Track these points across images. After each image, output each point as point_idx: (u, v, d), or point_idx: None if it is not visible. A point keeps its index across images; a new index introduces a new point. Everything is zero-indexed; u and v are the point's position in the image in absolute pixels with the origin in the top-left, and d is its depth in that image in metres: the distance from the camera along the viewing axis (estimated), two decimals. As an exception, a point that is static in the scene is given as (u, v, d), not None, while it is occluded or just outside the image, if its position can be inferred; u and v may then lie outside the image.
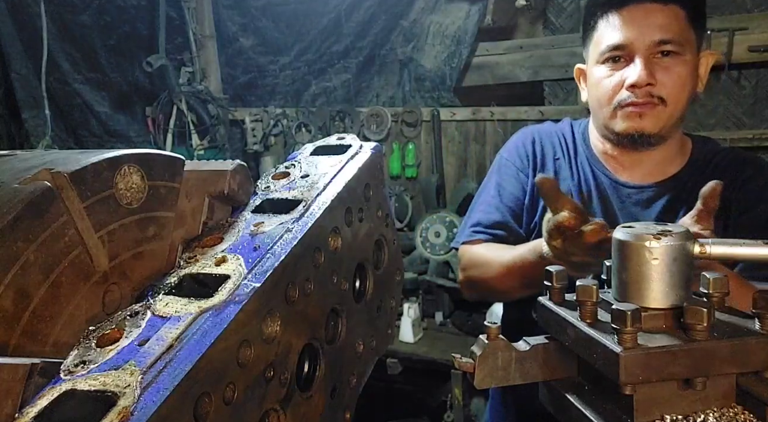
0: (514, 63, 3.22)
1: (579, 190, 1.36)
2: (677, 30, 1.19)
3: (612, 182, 1.32)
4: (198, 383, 0.41)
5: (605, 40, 1.23)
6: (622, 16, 1.21)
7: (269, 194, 0.64)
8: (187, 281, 0.52)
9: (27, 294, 0.41)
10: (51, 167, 0.44)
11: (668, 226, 0.64)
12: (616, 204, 1.31)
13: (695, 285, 0.64)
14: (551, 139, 1.44)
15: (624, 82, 1.20)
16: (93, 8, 3.62)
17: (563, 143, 1.42)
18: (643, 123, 1.20)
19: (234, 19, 3.81)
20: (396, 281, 0.80)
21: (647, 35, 1.18)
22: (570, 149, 1.41)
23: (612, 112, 1.24)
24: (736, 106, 2.79)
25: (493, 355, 0.67)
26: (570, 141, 1.42)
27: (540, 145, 1.43)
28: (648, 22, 1.19)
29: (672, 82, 1.19)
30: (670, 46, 1.18)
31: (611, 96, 1.23)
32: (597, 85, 1.26)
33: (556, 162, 1.41)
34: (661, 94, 1.19)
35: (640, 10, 1.20)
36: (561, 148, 1.42)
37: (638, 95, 1.19)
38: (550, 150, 1.42)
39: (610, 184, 1.32)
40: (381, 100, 3.61)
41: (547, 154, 1.42)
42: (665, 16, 1.19)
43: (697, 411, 0.59)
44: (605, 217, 1.30)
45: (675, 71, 1.19)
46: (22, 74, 3.58)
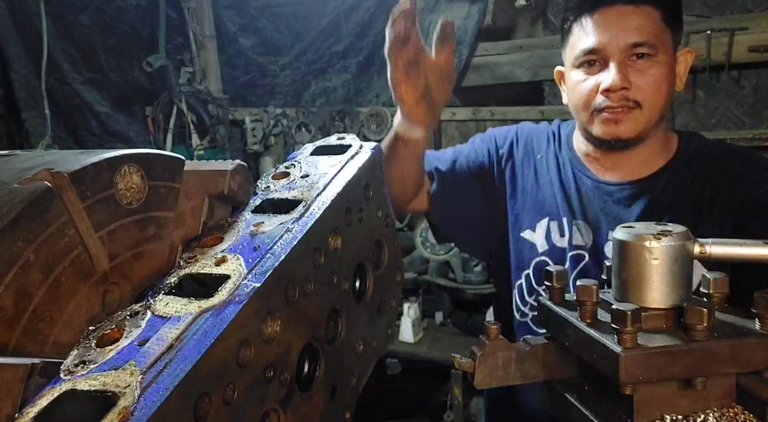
0: (514, 63, 3.22)
1: (561, 189, 1.36)
2: (651, 31, 1.18)
3: (594, 182, 1.32)
4: (198, 383, 0.41)
5: (579, 45, 1.23)
6: (594, 19, 1.20)
7: (269, 194, 0.64)
8: (187, 281, 0.52)
9: (27, 294, 0.41)
10: (51, 167, 0.44)
11: (668, 226, 0.64)
12: (598, 204, 1.31)
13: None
14: (539, 137, 1.45)
15: (599, 86, 1.20)
16: (93, 8, 3.62)
17: (551, 143, 1.43)
18: (619, 129, 1.21)
19: (234, 19, 3.81)
20: (396, 281, 0.80)
21: (620, 38, 1.17)
22: (555, 149, 1.42)
23: (589, 117, 1.24)
24: (737, 106, 2.79)
25: (493, 355, 0.67)
26: (556, 141, 1.43)
27: (527, 139, 1.45)
28: (621, 24, 1.18)
29: (647, 84, 1.18)
30: (644, 48, 1.18)
31: (587, 101, 1.23)
32: (573, 90, 1.27)
33: (538, 159, 1.42)
34: (637, 98, 1.18)
35: (613, 12, 1.19)
36: (547, 147, 1.43)
37: (613, 99, 1.19)
38: (536, 147, 1.44)
39: (591, 185, 1.33)
40: (381, 100, 3.61)
41: (531, 150, 1.43)
42: (639, 18, 1.18)
43: (697, 411, 0.59)
44: (586, 219, 1.31)
45: (650, 73, 1.18)
46: (22, 74, 3.58)
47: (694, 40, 2.61)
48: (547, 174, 1.39)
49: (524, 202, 1.40)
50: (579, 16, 1.24)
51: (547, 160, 1.41)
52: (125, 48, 3.76)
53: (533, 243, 1.36)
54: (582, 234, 1.31)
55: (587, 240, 1.30)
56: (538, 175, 1.40)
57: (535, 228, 1.37)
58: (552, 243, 1.34)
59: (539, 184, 1.39)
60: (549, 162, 1.40)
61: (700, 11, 2.70)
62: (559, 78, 1.39)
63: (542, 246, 1.35)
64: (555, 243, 1.34)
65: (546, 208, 1.37)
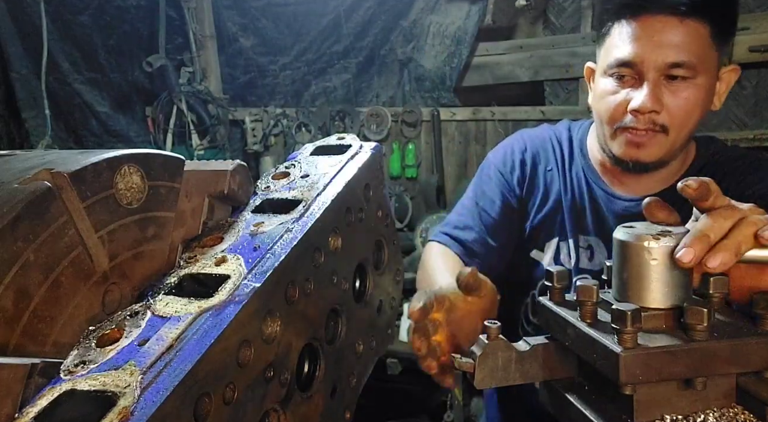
0: (514, 63, 3.22)
1: (572, 203, 1.29)
2: (694, 50, 1.06)
3: (608, 196, 1.26)
4: (198, 383, 0.41)
5: (614, 52, 1.12)
6: (636, 26, 1.09)
7: (269, 194, 0.64)
8: (187, 281, 0.52)
9: (27, 294, 0.41)
10: (51, 167, 0.44)
11: (668, 227, 0.64)
12: (611, 219, 1.24)
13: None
14: (545, 147, 1.36)
15: (628, 103, 1.11)
16: (93, 8, 3.62)
17: (558, 151, 1.35)
18: (640, 152, 1.13)
19: (234, 19, 3.81)
20: (396, 281, 0.80)
21: (659, 55, 1.06)
22: (565, 158, 1.33)
23: (612, 133, 1.16)
24: (738, 107, 2.79)
25: (493, 355, 0.67)
26: (566, 148, 1.34)
27: (531, 154, 1.36)
28: (663, 38, 1.06)
29: (678, 108, 1.09)
30: (682, 70, 1.07)
31: (612, 116, 1.15)
32: (600, 100, 1.18)
33: (548, 173, 1.33)
34: (664, 122, 1.09)
35: (657, 22, 1.07)
36: (555, 156, 1.34)
37: (640, 122, 1.10)
38: (542, 159, 1.35)
39: (605, 198, 1.26)
40: (381, 100, 3.61)
41: (538, 163, 1.35)
42: (683, 34, 1.06)
43: (697, 411, 0.59)
44: (600, 233, 1.25)
45: (683, 97, 1.09)
46: (22, 74, 3.58)
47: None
48: (557, 188, 1.31)
49: (534, 221, 1.33)
50: (620, 19, 1.12)
51: (556, 171, 1.32)
52: (125, 48, 3.76)
53: (540, 264, 1.32)
54: (594, 253, 1.26)
55: (601, 258, 1.24)
56: (548, 190, 1.32)
57: (544, 249, 1.32)
58: (561, 265, 1.28)
59: (549, 200, 1.32)
60: (558, 174, 1.32)
61: (700, 11, 2.70)
62: (589, 75, 1.28)
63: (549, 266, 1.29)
64: (564, 264, 1.29)
65: (556, 228, 1.31)
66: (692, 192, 0.63)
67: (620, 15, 1.12)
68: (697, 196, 0.64)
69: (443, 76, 3.37)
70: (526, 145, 1.38)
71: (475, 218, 1.34)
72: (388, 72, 3.56)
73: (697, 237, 0.60)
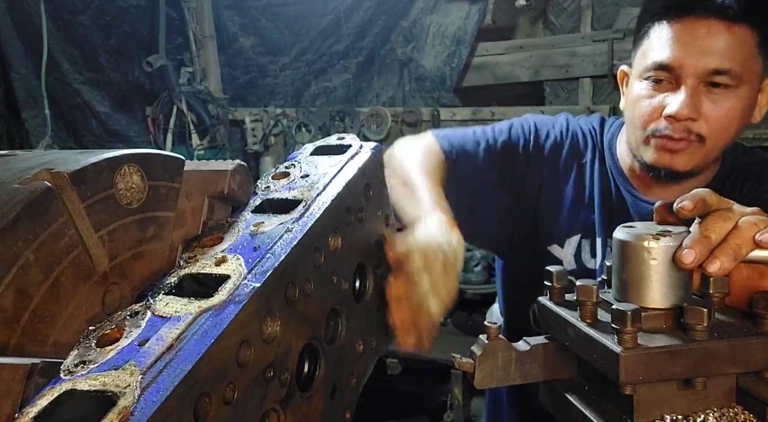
0: (514, 63, 3.22)
1: (604, 202, 1.22)
2: (740, 59, 1.01)
3: (635, 199, 1.20)
4: (198, 383, 0.41)
5: (652, 55, 1.06)
6: (678, 28, 1.03)
7: (269, 194, 0.64)
8: (187, 281, 0.52)
9: (27, 294, 0.41)
10: (51, 167, 0.44)
11: (668, 227, 0.64)
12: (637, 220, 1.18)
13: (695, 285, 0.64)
14: (585, 139, 1.28)
15: (663, 108, 1.05)
16: (93, 8, 3.62)
17: (592, 148, 1.27)
18: (673, 160, 1.07)
19: (234, 19, 3.81)
20: (396, 281, 0.80)
21: (701, 60, 1.01)
22: (597, 155, 1.26)
23: (644, 139, 1.10)
24: (737, 106, 2.79)
25: (493, 355, 0.67)
26: (599, 146, 1.27)
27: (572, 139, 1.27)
28: (706, 43, 1.00)
29: (717, 119, 1.03)
30: (725, 78, 1.01)
31: (647, 121, 1.08)
32: (635, 104, 1.11)
33: (582, 165, 1.25)
34: (701, 132, 1.04)
35: (702, 25, 1.01)
36: (592, 150, 1.26)
37: (675, 129, 1.04)
38: (581, 148, 1.26)
39: (633, 202, 1.20)
40: (381, 100, 3.61)
41: (576, 152, 1.26)
42: (729, 40, 1.00)
43: (697, 411, 0.59)
44: None
45: (724, 107, 1.03)
46: (22, 74, 3.58)
47: None
48: (588, 184, 1.23)
49: (557, 212, 1.25)
50: (661, 20, 1.06)
51: (592, 167, 1.24)
52: (125, 48, 3.76)
53: (559, 260, 1.23)
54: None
55: None
56: (577, 184, 1.24)
57: (564, 245, 1.24)
58: (581, 263, 1.22)
59: (576, 194, 1.24)
60: (594, 169, 1.24)
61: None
62: (623, 79, 1.22)
63: (569, 264, 1.22)
64: (585, 263, 1.22)
65: (580, 224, 1.23)
66: (688, 213, 0.62)
67: (663, 16, 1.06)
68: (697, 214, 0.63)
69: (443, 76, 3.37)
70: (572, 129, 1.29)
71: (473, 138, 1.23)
72: (388, 72, 3.56)
73: (698, 239, 0.60)
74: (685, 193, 1.15)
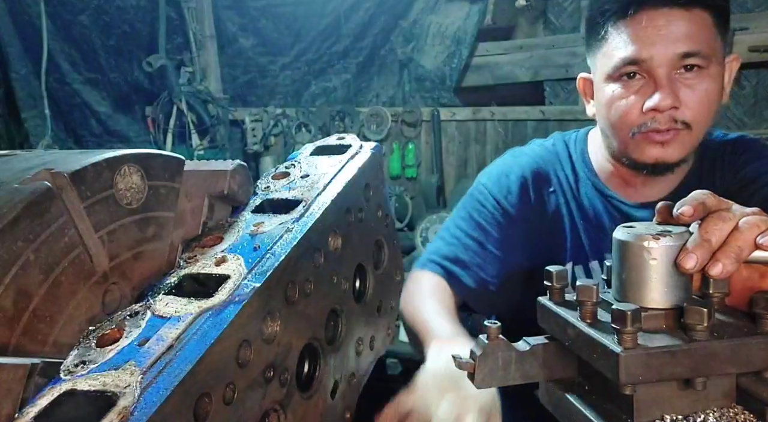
0: (514, 63, 3.23)
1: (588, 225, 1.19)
2: (704, 39, 1.02)
3: (621, 204, 1.18)
4: (198, 383, 0.41)
5: (618, 53, 1.05)
6: (637, 23, 1.03)
7: (269, 194, 0.64)
8: (187, 281, 0.52)
9: (27, 294, 0.41)
10: (51, 167, 0.44)
11: (668, 227, 0.64)
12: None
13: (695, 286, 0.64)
14: (544, 167, 1.25)
15: (642, 104, 1.04)
16: (92, 8, 3.62)
17: (559, 170, 1.24)
18: (666, 152, 1.06)
19: (234, 20, 3.81)
20: (396, 281, 0.80)
21: (669, 47, 1.01)
22: (569, 178, 1.23)
23: (629, 139, 1.08)
24: (737, 107, 2.80)
25: (493, 355, 0.67)
26: (568, 167, 1.24)
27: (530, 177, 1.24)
28: (669, 30, 1.01)
29: (698, 102, 1.03)
30: (696, 59, 1.01)
31: (628, 122, 1.07)
32: (609, 106, 1.09)
33: (551, 195, 1.23)
34: (686, 118, 1.03)
35: (660, 17, 1.02)
36: (557, 178, 1.24)
37: (660, 121, 1.03)
38: (542, 182, 1.24)
39: (619, 208, 1.19)
40: (381, 100, 3.61)
41: (539, 188, 1.23)
42: (690, 24, 1.01)
43: (697, 411, 0.59)
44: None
45: (701, 89, 1.03)
46: (22, 74, 3.58)
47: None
48: (565, 210, 1.22)
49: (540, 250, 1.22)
50: (618, 20, 1.05)
51: (563, 193, 1.22)
52: (125, 48, 3.76)
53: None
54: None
55: None
56: (554, 214, 1.22)
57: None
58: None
59: (556, 224, 1.22)
60: (565, 195, 1.22)
61: (700, 11, 2.70)
62: (584, 87, 1.20)
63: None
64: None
65: (568, 252, 1.22)
66: (689, 219, 0.62)
67: (619, 15, 1.06)
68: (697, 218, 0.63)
69: (443, 76, 3.37)
70: (523, 168, 1.25)
71: (468, 252, 1.22)
72: (388, 72, 3.56)
73: (699, 242, 0.60)
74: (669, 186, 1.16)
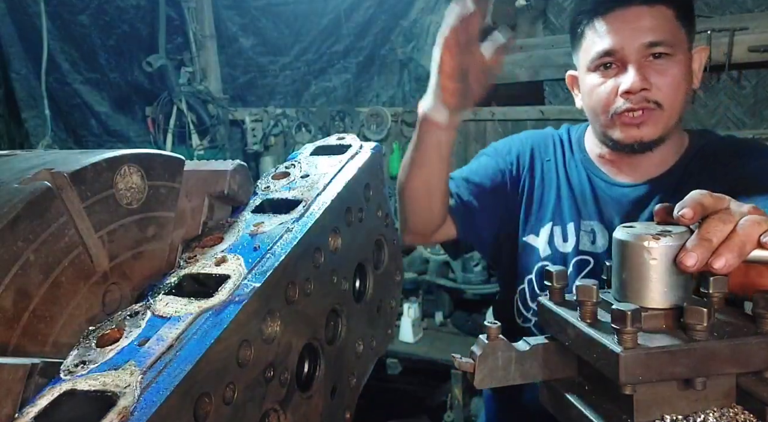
0: (514, 63, 3.22)
1: (571, 191, 1.35)
2: (667, 30, 1.17)
3: (607, 184, 1.32)
4: (198, 383, 0.41)
5: (595, 47, 1.21)
6: (608, 21, 1.19)
7: (269, 194, 0.64)
8: (187, 281, 0.52)
9: (27, 294, 0.41)
10: (51, 167, 0.44)
11: (668, 227, 0.64)
12: (612, 205, 1.30)
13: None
14: (545, 142, 1.44)
15: (618, 89, 1.18)
16: (92, 8, 3.62)
17: (558, 147, 1.42)
18: (642, 132, 1.19)
19: (234, 19, 3.81)
20: (396, 281, 0.80)
21: (637, 38, 1.16)
22: (565, 153, 1.40)
23: (609, 121, 1.22)
24: (737, 107, 2.79)
25: (493, 355, 0.67)
26: (566, 145, 1.42)
27: (530, 146, 1.44)
28: (636, 25, 1.17)
29: (667, 84, 1.17)
30: (662, 47, 1.16)
31: (606, 105, 1.21)
32: (590, 94, 1.24)
33: (546, 163, 1.40)
34: (657, 99, 1.17)
35: (627, 13, 1.18)
36: (554, 151, 1.42)
37: (633, 101, 1.17)
38: (541, 151, 1.43)
39: (605, 186, 1.32)
40: (381, 100, 3.61)
41: (537, 156, 1.42)
42: (653, 18, 1.16)
43: (697, 411, 0.59)
44: (601, 218, 1.31)
45: (669, 73, 1.17)
46: (22, 74, 3.59)
47: (695, 40, 2.61)
48: (554, 178, 1.38)
49: (530, 207, 1.39)
50: (592, 20, 1.22)
51: (555, 163, 1.39)
52: (125, 48, 3.76)
53: (536, 248, 1.36)
54: (596, 237, 1.30)
55: (603, 242, 1.29)
56: (544, 179, 1.39)
57: (539, 233, 1.36)
58: (554, 248, 1.33)
59: (545, 188, 1.38)
60: (557, 165, 1.39)
61: (700, 11, 2.70)
62: (572, 82, 1.37)
63: (544, 251, 1.34)
64: (558, 248, 1.33)
65: (550, 213, 1.36)
66: (688, 221, 0.63)
67: (594, 15, 1.21)
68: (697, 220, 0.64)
69: (443, 76, 3.37)
70: (527, 139, 1.46)
71: (462, 188, 1.39)
72: (388, 72, 3.56)
73: (699, 242, 0.60)
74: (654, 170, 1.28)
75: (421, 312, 3.08)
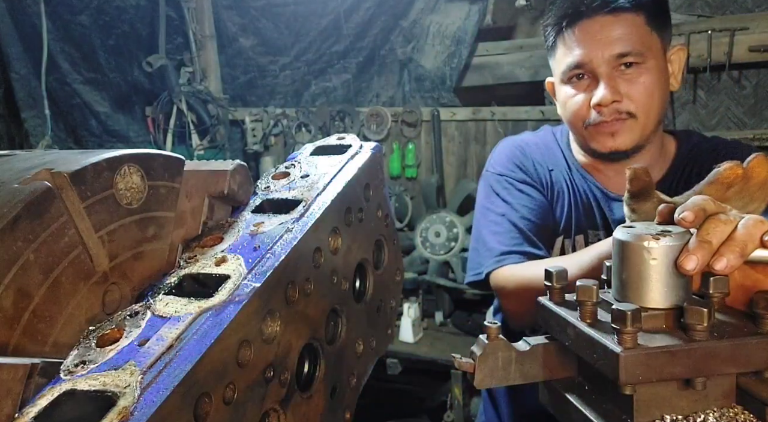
0: (514, 63, 3.22)
1: (578, 200, 1.32)
2: (636, 39, 1.14)
3: (603, 194, 1.30)
4: (198, 383, 0.41)
5: (565, 59, 1.20)
6: (576, 33, 1.17)
7: (269, 194, 0.64)
8: (187, 281, 0.52)
9: (27, 294, 0.41)
10: (51, 167, 0.44)
11: (668, 227, 0.64)
12: (609, 215, 1.29)
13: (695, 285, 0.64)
14: (539, 149, 1.39)
15: (590, 101, 1.18)
16: (92, 8, 3.62)
17: (554, 154, 1.38)
18: (616, 141, 1.19)
19: (234, 20, 3.81)
20: (396, 281, 0.80)
21: (605, 50, 1.14)
22: (559, 160, 1.37)
23: (585, 131, 1.22)
24: (737, 107, 2.79)
25: (493, 355, 0.67)
26: (557, 151, 1.38)
27: (529, 156, 1.38)
28: (604, 35, 1.14)
29: (638, 93, 1.15)
30: (631, 57, 1.14)
31: (580, 116, 1.21)
32: (565, 105, 1.25)
33: (551, 173, 1.36)
34: (629, 109, 1.16)
35: (594, 24, 1.15)
36: (553, 159, 1.38)
37: (605, 114, 1.16)
38: (541, 160, 1.37)
39: (602, 196, 1.30)
40: (381, 100, 3.61)
41: (538, 164, 1.37)
42: (621, 27, 1.14)
43: (697, 411, 0.59)
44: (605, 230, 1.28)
45: (640, 82, 1.15)
46: (22, 74, 3.58)
47: (695, 40, 2.61)
48: (563, 188, 1.34)
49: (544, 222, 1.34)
50: (561, 31, 1.21)
51: (560, 173, 1.36)
52: (125, 48, 3.76)
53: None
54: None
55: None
56: (554, 189, 1.35)
57: (553, 247, 1.34)
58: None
59: (554, 200, 1.35)
60: (562, 175, 1.35)
61: (700, 11, 2.71)
62: (551, 89, 1.36)
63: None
64: None
65: (560, 227, 1.34)
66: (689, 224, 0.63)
67: (561, 27, 1.20)
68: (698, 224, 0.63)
69: (443, 76, 3.37)
70: (521, 150, 1.39)
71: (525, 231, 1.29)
72: (388, 72, 3.55)
73: (699, 244, 0.60)
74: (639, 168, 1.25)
75: (421, 312, 3.08)
